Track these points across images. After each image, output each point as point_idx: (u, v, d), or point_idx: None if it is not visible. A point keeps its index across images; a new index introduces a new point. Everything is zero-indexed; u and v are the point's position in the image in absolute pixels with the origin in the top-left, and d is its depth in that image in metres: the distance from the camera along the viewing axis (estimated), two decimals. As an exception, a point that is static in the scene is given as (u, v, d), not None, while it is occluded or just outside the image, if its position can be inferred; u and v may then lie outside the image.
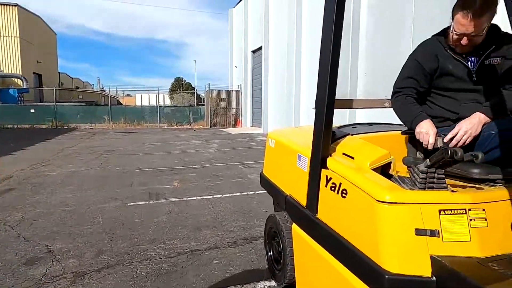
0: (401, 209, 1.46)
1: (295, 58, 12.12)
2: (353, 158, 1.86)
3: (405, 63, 1.89)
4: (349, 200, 1.69)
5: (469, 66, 1.71)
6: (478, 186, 1.59)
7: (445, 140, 1.63)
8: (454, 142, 1.62)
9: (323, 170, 1.92)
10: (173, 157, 9.12)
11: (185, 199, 5.09)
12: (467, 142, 1.59)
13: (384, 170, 1.82)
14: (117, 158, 9.08)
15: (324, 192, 1.91)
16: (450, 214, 1.43)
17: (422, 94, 1.84)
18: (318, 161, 1.94)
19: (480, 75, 1.69)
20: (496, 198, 1.49)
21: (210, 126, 20.78)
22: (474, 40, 1.62)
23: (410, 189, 1.51)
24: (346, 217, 1.71)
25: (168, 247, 3.37)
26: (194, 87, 47.62)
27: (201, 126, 21.73)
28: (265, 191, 5.14)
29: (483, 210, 1.45)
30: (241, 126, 20.05)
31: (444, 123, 1.77)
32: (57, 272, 2.87)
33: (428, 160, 1.48)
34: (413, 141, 1.91)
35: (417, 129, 1.70)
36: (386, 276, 1.42)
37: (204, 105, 23.99)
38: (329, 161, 1.90)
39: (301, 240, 2.17)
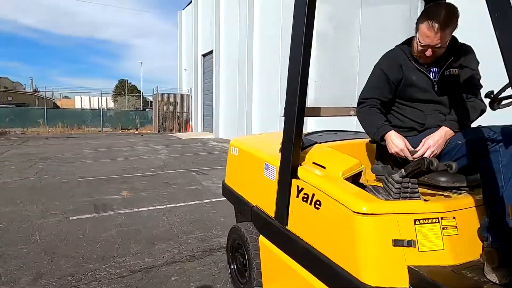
0: (378, 220, 1.44)
1: (247, 62, 12.14)
2: (324, 167, 1.82)
3: (371, 73, 1.90)
4: (323, 212, 1.64)
5: (431, 77, 1.77)
6: (445, 194, 1.63)
7: (415, 157, 1.65)
8: (425, 153, 1.64)
9: (293, 180, 1.86)
10: (119, 164, 8.57)
11: (136, 210, 4.76)
12: (434, 155, 1.62)
13: (354, 179, 1.80)
14: (56, 166, 8.30)
15: (295, 203, 1.84)
16: (425, 223, 1.44)
17: (387, 104, 1.86)
18: (288, 170, 1.88)
19: (441, 86, 1.75)
20: (464, 205, 1.54)
21: (159, 131, 20.03)
22: (437, 52, 1.68)
23: (386, 199, 1.50)
24: (320, 229, 1.66)
25: (119, 265, 3.08)
26: (140, 90, 45.78)
27: (149, 131, 20.86)
28: (223, 199, 4.99)
29: (454, 218, 1.48)
30: (191, 131, 19.61)
31: (410, 132, 1.81)
32: (-15, 303, 2.47)
33: (403, 170, 1.48)
34: (381, 150, 1.93)
35: (388, 144, 1.69)
36: (366, 290, 1.38)
37: (151, 108, 23.10)
38: (300, 171, 1.85)
39: (269, 253, 2.09)
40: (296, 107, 1.83)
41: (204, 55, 18.18)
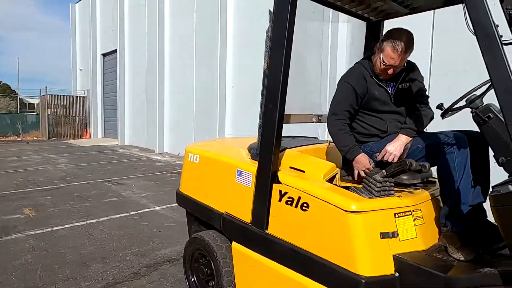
0: (367, 217, 1.60)
1: (158, 64, 11.59)
2: (303, 171, 1.93)
3: (339, 87, 2.08)
4: (312, 213, 1.74)
5: (389, 90, 2.05)
6: (406, 190, 1.90)
7: (378, 159, 1.89)
8: (385, 159, 1.89)
9: (274, 185, 1.92)
10: (9, 178, 7.25)
11: (49, 229, 4.12)
12: (394, 160, 1.88)
13: (329, 181, 1.96)
14: None
15: (278, 207, 1.90)
16: (402, 216, 1.67)
17: (353, 114, 2.08)
18: (268, 176, 1.93)
19: (397, 98, 2.05)
20: (425, 198, 1.83)
21: (49, 138, 17.53)
22: (396, 70, 1.96)
23: (369, 197, 1.68)
24: (309, 230, 1.76)
25: (49, 295, 2.65)
26: (14, 90, 39.47)
27: (36, 138, 18.09)
28: (150, 210, 4.73)
29: (420, 210, 1.75)
30: (90, 137, 17.72)
31: (373, 138, 2.05)
32: None
33: (384, 171, 1.69)
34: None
35: (356, 163, 1.90)
36: (363, 281, 1.53)
37: (32, 112, 20.09)
38: (281, 176, 1.92)
39: (244, 258, 2.10)
40: (277, 115, 1.90)
41: (104, 55, 16.67)
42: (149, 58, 12.51)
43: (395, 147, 1.88)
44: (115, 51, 14.98)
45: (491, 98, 1.58)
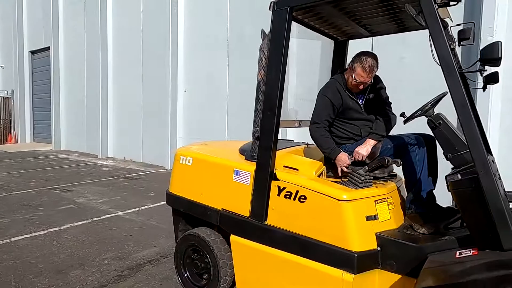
0: (356, 204, 1.99)
1: (100, 63, 11.04)
2: (297, 169, 2.26)
3: (319, 99, 2.46)
4: (309, 204, 2.08)
5: (360, 102, 2.48)
6: (377, 182, 2.34)
7: (352, 159, 2.33)
8: (356, 159, 2.33)
9: (273, 182, 2.22)
10: None
11: (7, 240, 3.88)
12: (364, 159, 2.32)
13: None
14: None
15: (276, 200, 2.21)
16: (380, 202, 2.09)
17: (331, 122, 2.48)
18: (267, 174, 2.22)
19: (366, 107, 2.49)
20: (393, 188, 2.28)
21: (-37, 143, 15.49)
22: (365, 85, 2.40)
23: (355, 188, 2.07)
24: (306, 218, 2.09)
25: (35, 303, 2.61)
26: None
27: None
28: (114, 215, 4.73)
29: (391, 197, 2.19)
30: (16, 142, 16.06)
31: (349, 141, 2.47)
32: None
33: (366, 166, 2.10)
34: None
35: (338, 161, 2.32)
36: (355, 255, 1.91)
37: None
38: (279, 174, 2.23)
39: (243, 248, 2.35)
40: (274, 121, 2.20)
41: (33, 52, 15.28)
42: (89, 57, 11.88)
43: (363, 149, 2.33)
44: (47, 48, 13.88)
45: (442, 109, 2.09)
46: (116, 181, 7.45)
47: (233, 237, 2.41)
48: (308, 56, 2.34)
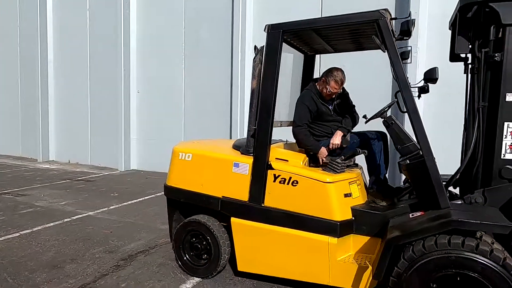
0: (337, 185, 2.60)
1: (40, 60, 10.37)
2: (287, 160, 2.80)
3: (299, 106, 3.01)
4: (301, 187, 2.63)
5: (330, 107, 3.11)
6: (347, 169, 2.98)
7: (330, 148, 2.94)
8: (331, 148, 2.95)
9: (269, 171, 2.73)
10: None
11: (-20, 245, 3.80)
12: (337, 147, 2.95)
13: (301, 166, 2.88)
14: None
15: (272, 186, 2.72)
16: (352, 183, 2.73)
17: (309, 124, 3.07)
18: (264, 165, 2.73)
19: (335, 111, 3.12)
20: (358, 173, 2.93)
21: None
22: (336, 94, 3.04)
23: (334, 173, 2.68)
24: (299, 198, 2.64)
25: (44, 294, 2.76)
26: None
27: None
28: (85, 215, 4.87)
29: (359, 180, 2.85)
30: None
31: (323, 138, 3.08)
32: None
33: (342, 156, 2.72)
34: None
35: (320, 154, 2.91)
36: (338, 223, 2.52)
37: None
38: (274, 164, 2.74)
39: (243, 227, 2.82)
40: (270, 121, 2.72)
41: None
42: (24, 54, 11.09)
43: (336, 139, 2.96)
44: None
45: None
46: (71, 184, 7.26)
47: (233, 219, 2.86)
48: (283, 67, 2.87)
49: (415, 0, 5.83)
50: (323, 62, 4.45)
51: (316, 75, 3.62)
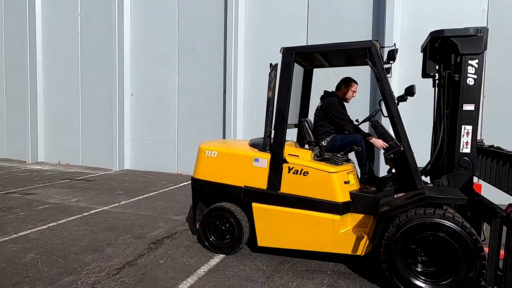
0: (339, 175, 3.33)
1: (29, 62, 10.43)
2: (298, 156, 3.49)
3: (335, 110, 3.72)
4: (311, 177, 3.33)
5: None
6: (343, 162, 3.71)
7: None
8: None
9: (284, 164, 3.41)
10: None
11: (15, 235, 4.20)
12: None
13: (307, 161, 3.58)
14: None
15: (287, 176, 3.41)
16: (350, 173, 3.47)
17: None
18: (280, 159, 3.41)
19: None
20: (352, 166, 3.68)
21: None
22: None
23: (336, 165, 3.40)
24: (309, 185, 3.34)
25: (100, 268, 3.27)
26: None
27: None
28: (101, 210, 5.37)
29: (353, 170, 3.60)
30: None
31: (343, 133, 3.79)
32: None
33: (342, 152, 3.45)
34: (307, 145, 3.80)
35: (375, 142, 3.59)
36: (341, 204, 3.24)
37: None
38: (288, 159, 3.43)
39: (263, 210, 3.48)
40: (285, 124, 3.41)
41: None
42: (10, 56, 11.13)
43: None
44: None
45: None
46: (72, 183, 7.59)
47: (254, 204, 3.51)
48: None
49: (389, 15, 6.68)
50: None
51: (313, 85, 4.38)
